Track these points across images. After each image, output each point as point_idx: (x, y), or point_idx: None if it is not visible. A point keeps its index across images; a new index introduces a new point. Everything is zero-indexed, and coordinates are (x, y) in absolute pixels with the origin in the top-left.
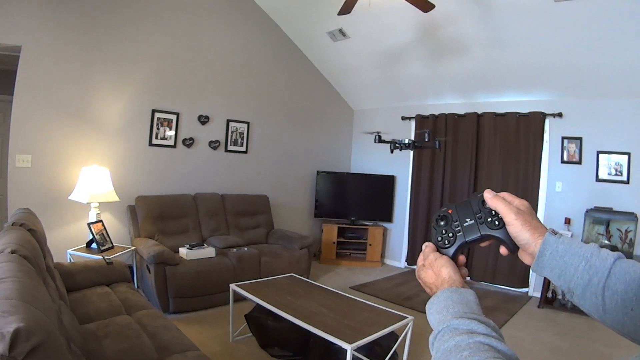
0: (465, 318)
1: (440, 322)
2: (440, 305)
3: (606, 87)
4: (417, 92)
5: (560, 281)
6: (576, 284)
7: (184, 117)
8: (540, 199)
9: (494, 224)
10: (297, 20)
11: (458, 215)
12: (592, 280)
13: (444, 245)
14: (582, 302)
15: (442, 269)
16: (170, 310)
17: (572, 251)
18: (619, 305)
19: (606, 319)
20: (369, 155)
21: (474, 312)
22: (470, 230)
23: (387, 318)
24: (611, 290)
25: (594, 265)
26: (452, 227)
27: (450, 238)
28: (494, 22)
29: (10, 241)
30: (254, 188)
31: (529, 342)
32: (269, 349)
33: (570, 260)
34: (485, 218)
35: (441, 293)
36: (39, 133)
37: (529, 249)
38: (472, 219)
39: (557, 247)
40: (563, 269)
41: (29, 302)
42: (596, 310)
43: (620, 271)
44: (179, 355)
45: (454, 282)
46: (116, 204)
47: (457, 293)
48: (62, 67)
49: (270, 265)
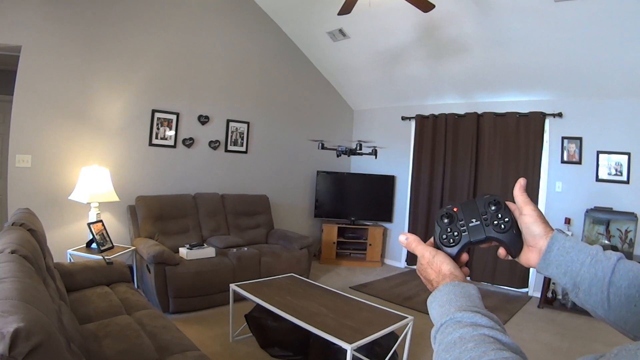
0: (469, 311)
1: (442, 315)
2: (443, 298)
3: (606, 87)
4: (417, 92)
5: (566, 278)
6: (582, 278)
7: (184, 117)
8: (540, 199)
9: (500, 227)
10: (297, 20)
11: (464, 214)
12: (597, 275)
13: (449, 244)
14: (587, 297)
15: (443, 265)
16: (170, 310)
17: (579, 248)
18: (622, 301)
19: (610, 315)
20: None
21: (476, 306)
22: (475, 231)
23: (387, 318)
24: (615, 287)
25: (600, 261)
26: (457, 225)
27: (455, 237)
28: (494, 22)
29: (10, 241)
30: (254, 188)
31: (529, 342)
32: (269, 349)
33: (576, 256)
34: (492, 220)
35: (443, 287)
36: (39, 133)
37: (538, 242)
38: (478, 220)
39: (565, 243)
40: (569, 264)
41: (29, 302)
42: (601, 306)
43: (623, 269)
44: (179, 355)
45: (456, 277)
46: (116, 204)
47: (459, 287)
48: (62, 67)
49: (270, 265)
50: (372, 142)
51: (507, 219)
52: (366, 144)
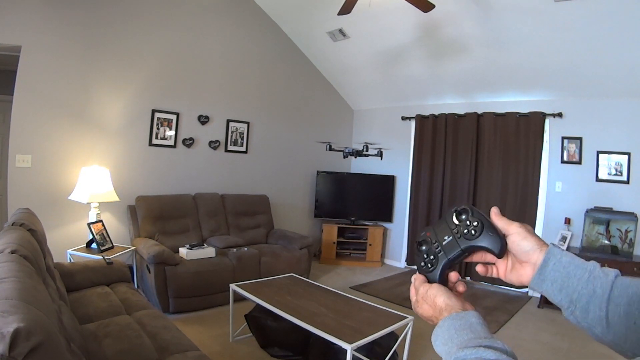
0: (471, 347)
1: (447, 354)
2: (445, 336)
3: (606, 87)
4: (417, 92)
5: (562, 294)
6: (580, 295)
7: (184, 117)
8: (540, 199)
9: (471, 234)
10: (297, 20)
11: (436, 235)
12: (596, 292)
13: (428, 270)
14: (584, 315)
15: (436, 298)
16: (170, 310)
17: (575, 263)
18: (622, 318)
19: (608, 333)
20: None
21: (479, 337)
22: (450, 247)
23: (387, 318)
24: (614, 304)
25: (598, 277)
26: (432, 249)
27: (432, 260)
28: (494, 22)
29: (10, 241)
30: (254, 188)
31: (529, 342)
32: (269, 349)
33: (573, 272)
34: (462, 230)
35: (442, 323)
36: (39, 133)
37: (532, 257)
38: (450, 236)
39: (561, 258)
40: (566, 280)
41: (29, 302)
42: (599, 324)
43: (622, 285)
44: (179, 355)
45: (452, 308)
46: (116, 204)
47: (458, 319)
48: (62, 67)
49: (270, 265)
50: (377, 143)
51: (476, 223)
52: (372, 146)
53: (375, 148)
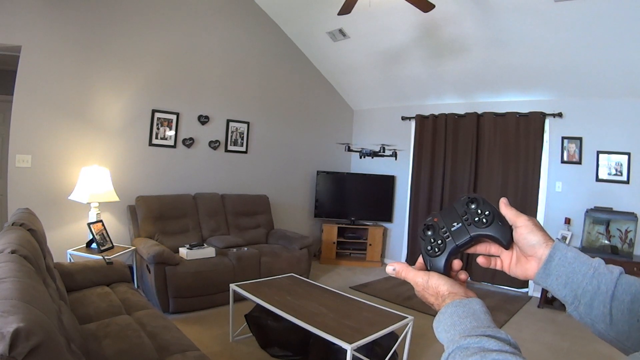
0: (474, 335)
1: (449, 341)
2: (447, 322)
3: (606, 87)
4: (417, 92)
5: (567, 289)
6: (585, 291)
7: (184, 117)
8: (540, 199)
9: (482, 222)
10: (297, 20)
11: (444, 221)
12: (600, 288)
13: (435, 254)
14: (588, 311)
15: (439, 287)
16: (170, 310)
17: (581, 259)
18: (625, 315)
19: (611, 330)
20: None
21: (482, 325)
22: (459, 233)
23: (387, 318)
24: (618, 301)
25: (603, 274)
26: (440, 234)
27: (440, 245)
28: (494, 22)
29: (10, 241)
30: (254, 188)
31: (529, 342)
32: (269, 349)
33: (578, 267)
34: (473, 218)
35: (445, 309)
36: (39, 133)
37: (537, 251)
38: (459, 222)
39: (567, 253)
40: (571, 275)
41: (29, 302)
42: (602, 321)
43: (626, 283)
44: (179, 355)
45: (456, 294)
46: (116, 204)
47: (461, 306)
48: (62, 67)
49: (270, 265)
50: (394, 145)
51: (487, 212)
52: (389, 147)
53: (391, 149)
